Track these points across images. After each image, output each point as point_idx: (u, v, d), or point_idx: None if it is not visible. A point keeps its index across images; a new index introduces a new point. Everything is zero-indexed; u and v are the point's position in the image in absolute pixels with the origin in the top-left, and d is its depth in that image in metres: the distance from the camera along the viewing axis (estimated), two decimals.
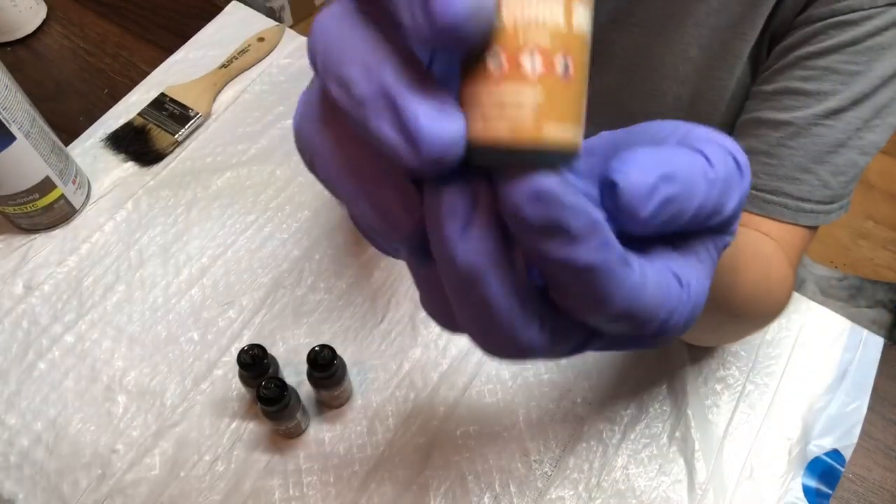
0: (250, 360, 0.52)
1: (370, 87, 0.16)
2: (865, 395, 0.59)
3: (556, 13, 0.16)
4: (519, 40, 0.16)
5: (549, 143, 0.16)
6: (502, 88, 0.16)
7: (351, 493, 0.54)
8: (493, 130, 0.16)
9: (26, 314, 0.62)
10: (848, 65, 0.47)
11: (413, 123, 0.16)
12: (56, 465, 0.55)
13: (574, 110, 0.17)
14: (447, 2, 0.14)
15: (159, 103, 0.74)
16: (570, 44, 0.16)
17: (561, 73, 0.16)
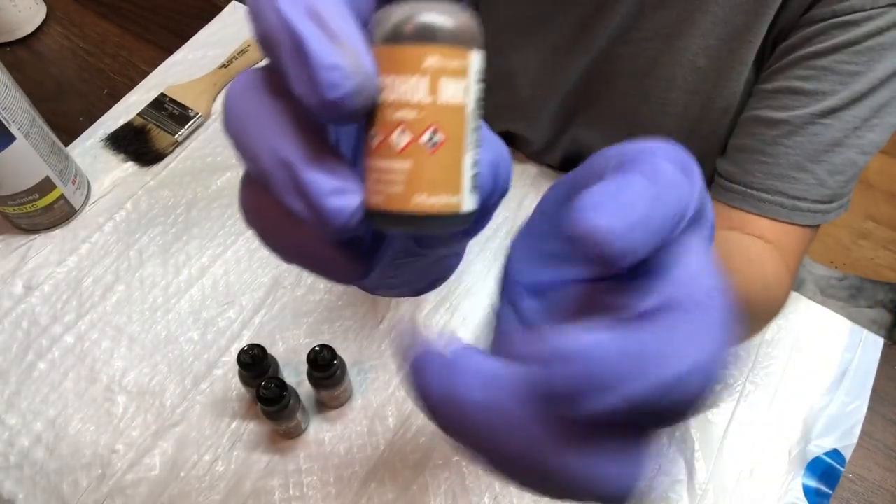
0: (250, 360, 0.52)
1: (275, 166, 0.17)
2: (865, 394, 0.59)
3: (419, 90, 0.17)
4: (389, 117, 0.18)
5: (420, 211, 0.18)
6: (379, 162, 0.18)
7: (351, 493, 0.54)
8: (374, 200, 0.18)
9: (26, 314, 0.62)
10: (848, 65, 0.47)
11: (316, 200, 0.17)
12: (56, 465, 0.55)
13: (447, 177, 0.18)
14: (332, 81, 0.16)
15: (159, 103, 0.74)
16: (437, 116, 0.18)
17: (427, 145, 0.18)
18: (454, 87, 0.18)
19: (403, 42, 0.18)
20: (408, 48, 0.17)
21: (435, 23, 0.18)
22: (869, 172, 1.61)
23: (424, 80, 0.18)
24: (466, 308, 0.62)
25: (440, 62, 0.18)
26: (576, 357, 0.16)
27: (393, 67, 0.18)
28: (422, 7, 0.18)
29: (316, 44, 0.16)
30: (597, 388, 0.16)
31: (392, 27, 0.18)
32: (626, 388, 0.16)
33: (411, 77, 0.17)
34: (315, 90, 0.16)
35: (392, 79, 0.18)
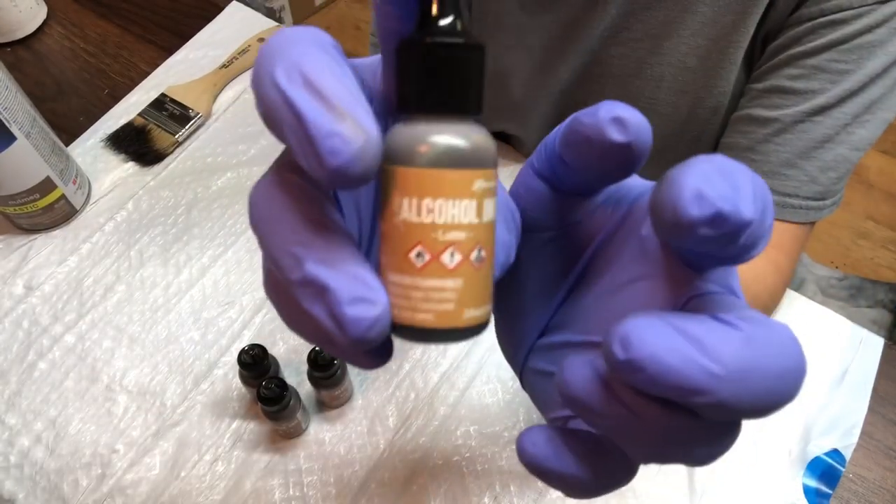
0: (250, 360, 0.52)
1: (296, 274, 0.18)
2: (866, 394, 0.59)
3: (470, 213, 0.18)
4: (439, 238, 0.18)
5: (468, 325, 0.19)
6: (427, 280, 0.18)
7: (351, 493, 0.54)
8: (422, 317, 0.18)
9: (26, 314, 0.62)
10: (837, 63, 0.47)
11: (337, 309, 0.17)
12: (56, 465, 0.55)
13: (487, 290, 0.19)
14: (332, 148, 0.16)
15: (160, 103, 0.74)
16: (482, 235, 0.18)
17: (476, 262, 0.19)
18: (491, 205, 0.19)
19: (454, 167, 0.18)
20: (459, 173, 0.18)
21: (479, 147, 0.18)
22: (869, 172, 1.61)
23: (473, 202, 0.18)
24: None
25: (485, 185, 0.18)
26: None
27: (441, 191, 0.18)
28: (461, 132, 0.18)
29: (313, 114, 0.16)
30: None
31: (439, 152, 0.18)
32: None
33: (462, 201, 0.18)
34: (318, 160, 0.16)
35: (440, 202, 0.18)
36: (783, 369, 0.17)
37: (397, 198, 0.18)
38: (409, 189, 0.18)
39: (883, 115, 0.49)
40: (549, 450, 0.20)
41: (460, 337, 0.19)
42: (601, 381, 0.18)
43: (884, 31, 0.46)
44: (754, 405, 0.17)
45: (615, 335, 0.17)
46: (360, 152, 0.16)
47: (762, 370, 0.16)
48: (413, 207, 0.18)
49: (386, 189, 0.19)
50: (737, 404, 0.16)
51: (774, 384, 0.17)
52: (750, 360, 0.16)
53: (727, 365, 0.16)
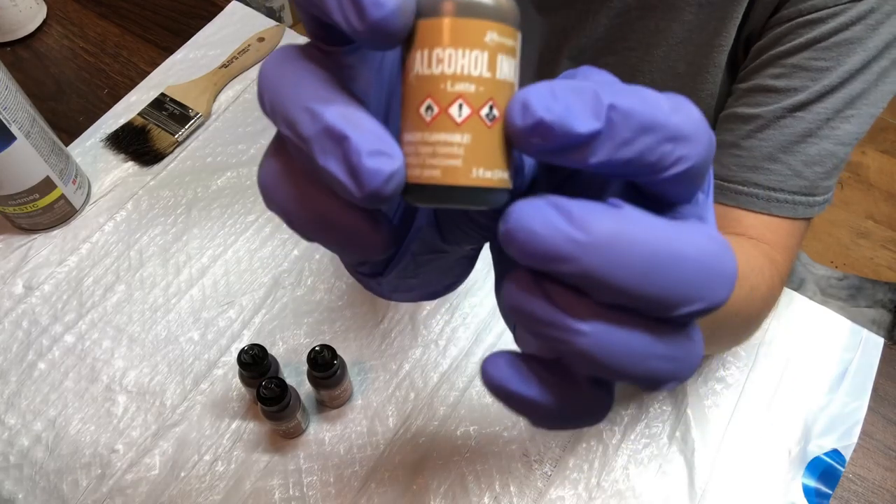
0: (250, 360, 0.52)
1: (315, 127, 0.17)
2: (865, 395, 0.59)
3: (480, 65, 0.17)
4: (447, 89, 0.17)
5: (478, 185, 0.18)
6: (435, 135, 0.18)
7: (351, 493, 0.54)
8: (429, 173, 0.18)
9: (26, 314, 0.62)
10: (817, 61, 0.48)
11: (356, 160, 0.17)
12: (56, 465, 0.55)
13: (501, 152, 0.18)
14: (376, 3, 0.16)
15: (159, 103, 0.74)
16: (495, 91, 0.18)
17: (487, 119, 0.18)
18: (508, 65, 0.18)
19: (464, 15, 0.17)
20: (469, 21, 0.17)
21: (496, 1, 0.18)
22: (869, 172, 1.61)
23: (485, 55, 0.17)
24: (466, 308, 0.62)
25: (499, 39, 0.18)
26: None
27: (451, 40, 0.17)
28: None
29: None
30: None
31: (451, 1, 0.17)
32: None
33: (472, 51, 0.17)
34: (359, 12, 0.16)
35: (450, 52, 0.17)
36: (680, 252, 0.17)
37: (413, 53, 0.18)
38: (422, 41, 0.18)
39: (868, 110, 0.49)
40: (510, 372, 0.19)
41: (470, 199, 0.18)
42: (532, 282, 0.18)
43: (860, 28, 0.47)
44: (637, 284, 0.17)
45: (503, 214, 0.17)
46: (401, 5, 0.16)
47: (642, 243, 0.16)
48: (425, 59, 0.18)
49: (405, 49, 0.18)
50: (608, 276, 0.16)
51: (665, 263, 0.17)
52: (625, 230, 0.16)
53: (592, 233, 0.16)
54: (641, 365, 0.18)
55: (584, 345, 0.17)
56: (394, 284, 0.24)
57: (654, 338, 0.18)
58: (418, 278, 0.24)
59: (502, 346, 0.60)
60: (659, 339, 0.18)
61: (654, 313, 0.18)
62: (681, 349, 0.18)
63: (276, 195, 0.20)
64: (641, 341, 0.18)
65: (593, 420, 0.20)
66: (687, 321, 0.19)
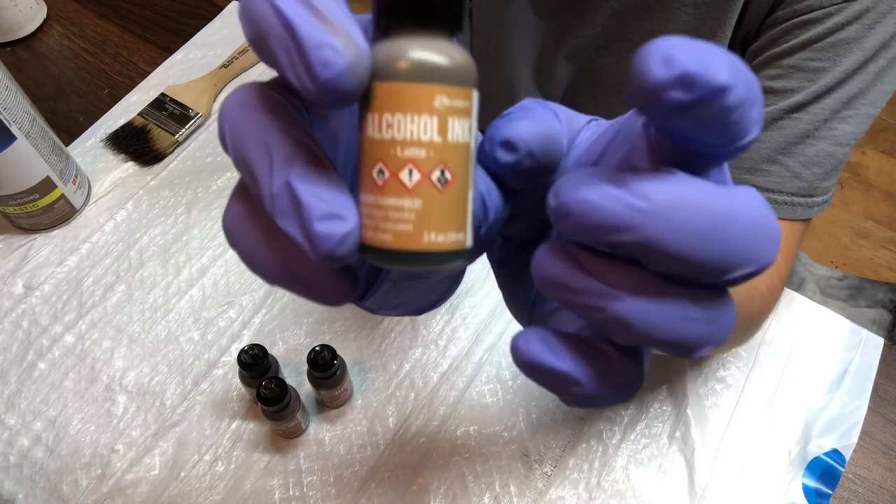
0: (250, 360, 0.52)
1: (273, 187, 0.17)
2: (865, 395, 0.59)
3: (430, 129, 0.17)
4: (397, 155, 0.17)
5: (430, 249, 0.18)
6: (386, 199, 0.18)
7: (351, 493, 0.54)
8: (381, 236, 0.18)
9: (26, 314, 0.62)
10: (813, 62, 0.48)
11: (308, 224, 0.17)
12: (56, 465, 0.55)
13: (455, 215, 0.18)
14: (325, 59, 0.16)
15: (159, 103, 0.74)
16: (447, 155, 0.18)
17: (438, 184, 0.18)
18: (461, 126, 0.18)
19: (411, 80, 0.17)
20: (416, 86, 0.17)
21: (444, 62, 0.18)
22: (869, 172, 1.61)
23: (434, 119, 0.17)
24: (466, 308, 0.62)
25: (449, 102, 0.18)
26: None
27: (399, 105, 0.17)
28: (427, 45, 0.18)
29: (306, 25, 0.16)
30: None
31: (399, 64, 0.17)
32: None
33: (421, 116, 0.17)
34: (308, 72, 0.16)
35: (399, 117, 0.17)
36: (736, 215, 0.17)
37: (366, 114, 0.18)
38: (372, 105, 0.18)
39: (865, 110, 0.49)
40: (541, 346, 0.19)
41: (423, 262, 0.18)
42: (565, 254, 0.18)
43: (856, 28, 0.47)
44: (698, 250, 0.16)
45: (551, 190, 0.17)
46: (352, 65, 0.16)
47: (703, 209, 0.16)
48: (376, 123, 0.18)
49: (361, 108, 0.18)
50: (669, 244, 0.16)
51: (724, 227, 0.16)
52: (684, 196, 0.16)
53: (654, 200, 0.16)
54: (678, 330, 0.18)
55: (620, 311, 0.17)
56: (377, 304, 0.24)
57: (691, 302, 0.18)
58: (401, 299, 0.24)
59: (502, 347, 0.60)
60: (696, 303, 0.18)
61: (704, 279, 0.17)
62: (717, 313, 0.18)
63: (240, 241, 0.19)
64: (679, 306, 0.18)
65: (627, 395, 0.20)
66: (730, 286, 0.18)
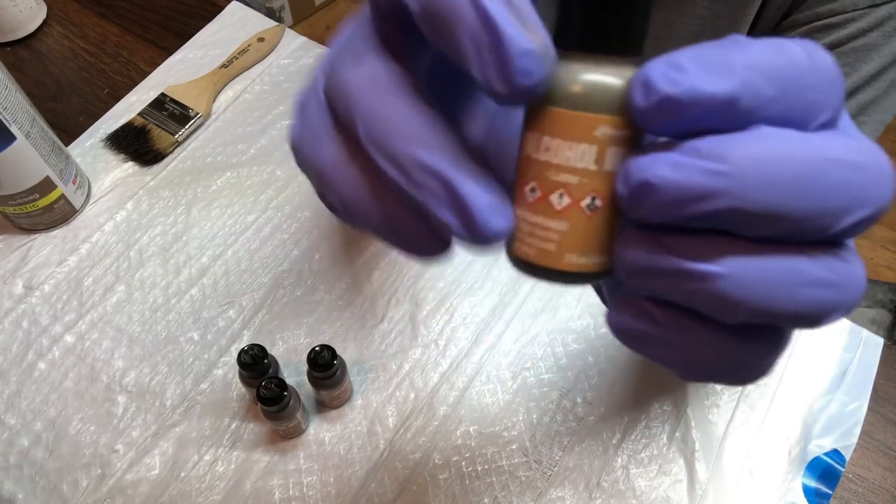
0: (250, 360, 0.52)
1: (428, 175, 0.17)
2: (865, 395, 0.59)
3: (587, 158, 0.17)
4: (551, 178, 0.18)
5: (569, 270, 0.18)
6: (535, 216, 0.18)
7: (351, 493, 0.54)
8: (525, 249, 0.18)
9: (26, 314, 0.62)
10: None
11: (474, 214, 0.17)
12: (56, 465, 0.55)
13: (598, 240, 0.18)
14: (526, 69, 0.15)
15: (159, 103, 0.74)
16: (598, 183, 0.17)
17: (587, 210, 0.18)
18: (618, 154, 0.17)
19: (578, 109, 0.17)
20: (583, 116, 0.17)
21: (613, 93, 0.17)
22: None
23: (593, 148, 0.17)
24: (466, 308, 0.62)
25: (611, 132, 0.17)
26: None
27: (560, 131, 0.17)
28: (598, 73, 0.17)
29: (510, 28, 0.15)
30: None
31: (567, 90, 0.17)
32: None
33: (580, 145, 0.17)
34: (505, 77, 0.15)
35: (558, 142, 0.17)
36: (832, 156, 0.15)
37: (527, 131, 0.18)
38: (534, 124, 0.18)
39: (878, 117, 0.49)
40: (634, 311, 0.18)
41: (562, 279, 0.18)
42: (646, 239, 0.17)
43: (877, 35, 0.47)
44: (795, 202, 0.15)
45: (618, 178, 0.17)
46: (547, 76, 0.16)
47: (790, 157, 0.15)
48: (534, 143, 0.18)
49: (523, 121, 0.19)
50: (762, 201, 0.15)
51: (820, 171, 0.15)
52: (766, 149, 0.15)
53: (731, 159, 0.15)
54: (796, 298, 0.16)
55: (721, 288, 0.16)
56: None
57: (805, 263, 0.16)
58: None
59: (502, 347, 0.60)
60: (812, 263, 0.16)
61: (812, 235, 0.16)
62: (840, 271, 0.16)
63: (342, 189, 0.19)
64: (791, 271, 0.16)
65: (748, 373, 0.18)
66: (845, 238, 0.16)
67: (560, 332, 0.61)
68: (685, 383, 0.59)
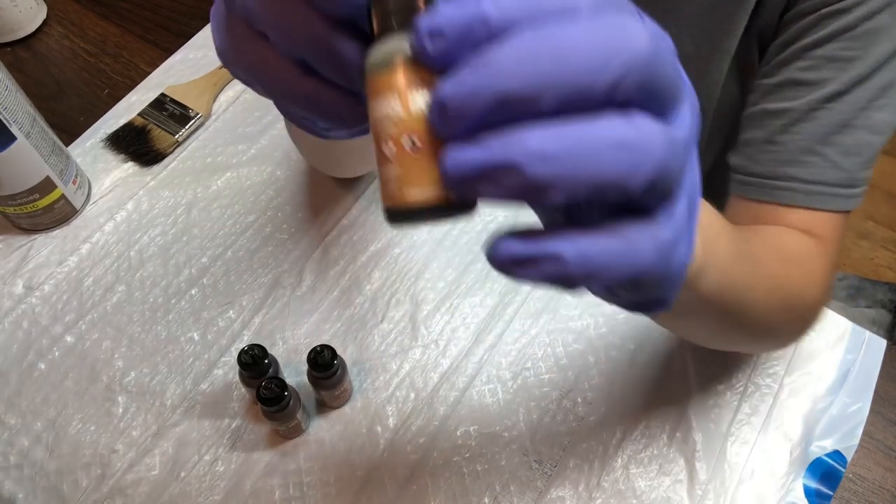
0: (250, 360, 0.52)
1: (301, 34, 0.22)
2: (867, 396, 0.59)
3: (395, 107, 0.21)
4: (378, 133, 0.22)
5: (414, 204, 0.21)
6: (382, 170, 0.22)
7: (351, 493, 0.54)
8: (385, 201, 0.22)
9: (26, 314, 0.62)
10: (846, 51, 0.48)
11: (344, 59, 0.23)
12: (56, 465, 0.55)
13: (430, 173, 0.21)
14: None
15: (159, 103, 0.74)
16: (412, 125, 0.21)
17: (410, 150, 0.21)
18: (420, 97, 0.21)
19: (375, 71, 0.22)
20: (379, 75, 0.21)
21: (398, 49, 0.21)
22: None
23: (395, 98, 0.21)
24: (466, 308, 0.62)
25: (405, 80, 0.21)
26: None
27: (373, 93, 0.22)
28: (384, 42, 0.22)
29: None
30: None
31: (369, 63, 0.22)
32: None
33: (387, 99, 0.21)
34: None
35: (373, 102, 0.22)
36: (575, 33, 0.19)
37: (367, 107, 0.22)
38: (366, 97, 0.22)
39: None
40: (516, 241, 0.21)
41: (416, 216, 0.22)
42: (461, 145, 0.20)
43: (887, 16, 0.47)
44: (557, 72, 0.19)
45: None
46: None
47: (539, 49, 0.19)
48: (368, 112, 0.22)
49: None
50: (529, 81, 0.19)
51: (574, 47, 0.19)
52: (516, 45, 0.19)
53: (495, 60, 0.19)
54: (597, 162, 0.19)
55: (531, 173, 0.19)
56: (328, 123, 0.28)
57: (595, 130, 0.19)
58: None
59: (502, 347, 0.60)
60: (602, 129, 0.19)
61: (587, 101, 0.19)
62: (630, 134, 0.19)
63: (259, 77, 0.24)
64: (585, 138, 0.19)
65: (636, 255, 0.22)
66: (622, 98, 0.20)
67: (560, 332, 0.61)
68: (686, 384, 0.59)
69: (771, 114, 0.51)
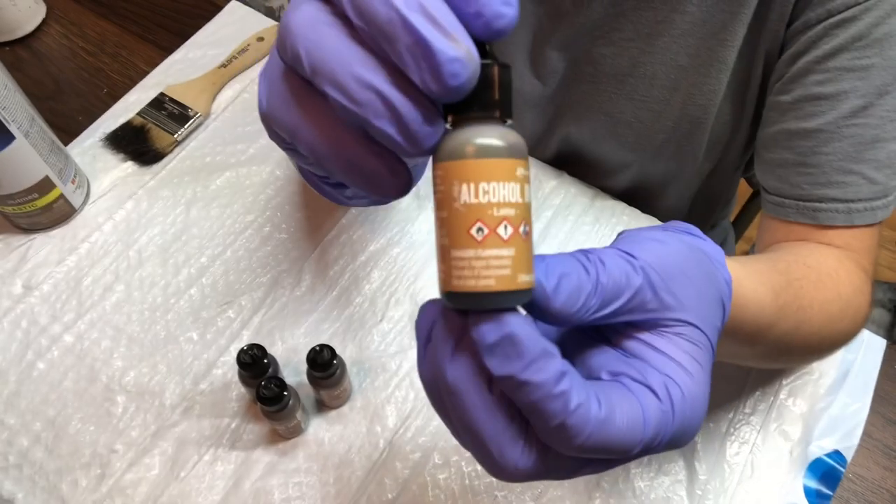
0: (250, 360, 0.52)
1: (364, 89, 0.21)
2: (867, 396, 0.59)
3: (516, 194, 0.23)
4: (494, 215, 0.22)
5: (521, 288, 0.23)
6: (487, 251, 0.22)
7: (351, 493, 0.54)
8: (485, 282, 0.22)
9: (25, 314, 0.62)
10: (860, 60, 0.47)
11: (408, 123, 0.21)
12: (55, 465, 0.55)
13: (531, 260, 0.24)
14: (454, 72, 0.20)
15: (159, 103, 0.74)
16: (526, 213, 0.23)
17: (523, 235, 0.23)
18: (528, 190, 0.23)
19: (503, 156, 0.22)
20: (504, 161, 0.22)
21: (520, 142, 0.23)
22: None
23: (518, 185, 0.23)
24: None
25: (524, 172, 0.23)
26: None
27: (493, 176, 0.22)
28: (501, 132, 0.23)
29: (437, 42, 0.20)
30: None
31: (490, 145, 0.22)
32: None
33: (509, 183, 0.22)
34: (439, 80, 0.20)
35: (494, 185, 0.22)
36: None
37: (456, 185, 0.22)
38: (466, 177, 0.22)
39: None
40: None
41: (515, 300, 0.23)
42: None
43: (895, 21, 0.46)
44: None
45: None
46: (473, 74, 0.21)
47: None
48: (471, 191, 0.22)
49: (444, 181, 0.23)
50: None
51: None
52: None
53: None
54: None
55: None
56: (353, 192, 0.28)
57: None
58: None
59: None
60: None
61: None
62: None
63: (289, 124, 0.23)
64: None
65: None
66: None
67: None
68: None
69: (796, 134, 0.50)
